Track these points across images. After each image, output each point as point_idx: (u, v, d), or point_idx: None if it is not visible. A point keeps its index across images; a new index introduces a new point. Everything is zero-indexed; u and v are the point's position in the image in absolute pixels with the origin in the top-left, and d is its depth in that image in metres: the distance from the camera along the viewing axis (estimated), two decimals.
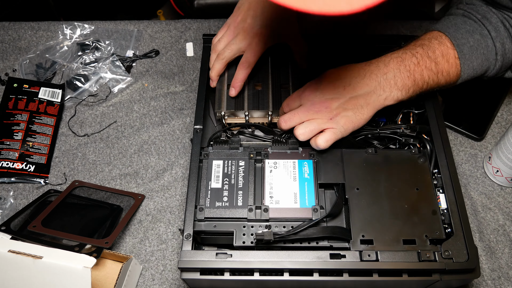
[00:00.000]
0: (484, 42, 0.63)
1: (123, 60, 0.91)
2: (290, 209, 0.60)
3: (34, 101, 0.84)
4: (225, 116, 0.71)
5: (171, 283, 0.70)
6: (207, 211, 0.60)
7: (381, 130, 0.67)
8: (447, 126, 0.81)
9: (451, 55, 0.62)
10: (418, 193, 0.61)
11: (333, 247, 0.58)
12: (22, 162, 0.78)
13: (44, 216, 0.69)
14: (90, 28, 0.95)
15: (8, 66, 0.92)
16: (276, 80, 0.73)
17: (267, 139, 0.71)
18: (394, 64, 0.61)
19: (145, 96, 0.88)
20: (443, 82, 0.64)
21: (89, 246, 0.65)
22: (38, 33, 0.95)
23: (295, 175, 0.63)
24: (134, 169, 0.80)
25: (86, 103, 0.87)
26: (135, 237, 0.73)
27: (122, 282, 0.64)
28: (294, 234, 0.57)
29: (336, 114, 0.62)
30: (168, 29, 0.97)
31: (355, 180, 0.62)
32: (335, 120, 0.62)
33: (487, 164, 0.78)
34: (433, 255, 0.56)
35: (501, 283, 0.69)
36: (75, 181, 0.77)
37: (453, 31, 0.64)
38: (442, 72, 0.62)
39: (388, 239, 0.57)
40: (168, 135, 0.83)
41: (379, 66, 0.62)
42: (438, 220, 0.59)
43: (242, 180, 0.63)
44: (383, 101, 0.62)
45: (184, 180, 0.78)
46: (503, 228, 0.74)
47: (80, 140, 0.83)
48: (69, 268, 0.58)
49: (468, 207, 0.75)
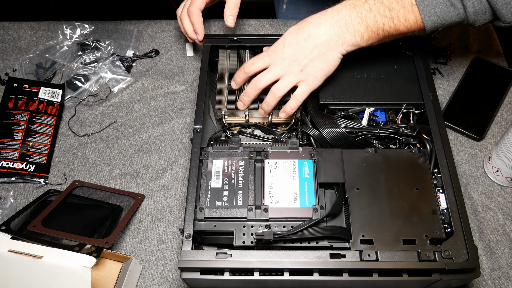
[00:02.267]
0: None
1: (123, 60, 0.91)
2: (290, 209, 0.60)
3: (34, 101, 0.84)
4: (225, 116, 0.71)
5: (171, 283, 0.70)
6: (207, 211, 0.60)
7: (381, 130, 0.67)
8: (447, 126, 0.81)
9: (407, 0, 0.62)
10: (418, 193, 0.61)
11: (333, 247, 0.58)
12: (22, 162, 0.78)
13: (44, 216, 0.69)
14: (90, 28, 0.95)
15: (8, 66, 0.92)
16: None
17: (267, 139, 0.71)
18: (347, 11, 0.64)
19: (145, 96, 0.88)
20: (404, 29, 0.64)
21: (89, 246, 0.65)
22: (38, 33, 0.95)
23: (295, 175, 0.63)
24: (134, 169, 0.80)
25: (86, 103, 0.87)
26: (135, 237, 0.73)
27: (122, 282, 0.64)
28: (294, 234, 0.57)
29: (305, 65, 0.66)
30: (168, 29, 0.97)
31: (355, 180, 0.62)
32: (305, 72, 0.66)
33: (487, 164, 0.78)
34: (433, 255, 0.56)
35: (501, 283, 0.69)
36: (75, 181, 0.77)
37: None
38: (398, 18, 0.63)
39: (388, 239, 0.57)
40: (168, 135, 0.83)
41: (333, 14, 0.65)
42: (438, 220, 0.59)
43: (242, 180, 0.63)
44: (341, 46, 0.65)
45: (184, 180, 0.78)
46: (503, 228, 0.74)
47: (80, 140, 0.83)
48: (69, 267, 0.58)
49: (468, 207, 0.75)
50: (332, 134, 0.66)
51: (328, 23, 0.64)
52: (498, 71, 0.87)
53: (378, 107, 0.71)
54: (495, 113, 0.84)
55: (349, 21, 0.64)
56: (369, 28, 0.63)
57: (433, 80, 0.72)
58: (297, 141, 0.67)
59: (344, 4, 0.65)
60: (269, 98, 0.68)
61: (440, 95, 0.86)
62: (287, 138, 0.69)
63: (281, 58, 0.66)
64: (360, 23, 0.63)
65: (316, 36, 0.65)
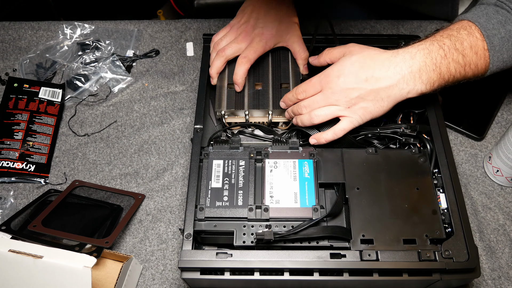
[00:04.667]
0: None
1: (123, 60, 0.91)
2: (290, 208, 0.60)
3: (35, 101, 0.84)
4: (225, 115, 0.71)
5: (171, 282, 0.70)
6: (207, 210, 0.60)
7: (381, 129, 0.67)
8: (447, 125, 0.81)
9: (480, 47, 0.60)
10: (418, 192, 0.61)
11: (333, 246, 0.58)
12: (22, 161, 0.78)
13: (45, 216, 0.69)
14: (90, 28, 0.95)
15: (8, 65, 0.92)
16: (276, 80, 0.73)
17: (267, 139, 0.71)
18: (421, 57, 0.59)
19: (145, 95, 0.88)
20: (471, 75, 0.62)
21: (89, 245, 0.65)
22: (38, 33, 0.95)
23: (295, 175, 0.63)
24: (134, 168, 0.80)
25: (86, 102, 0.87)
26: (135, 236, 0.73)
27: (122, 282, 0.64)
28: (294, 234, 0.57)
29: (354, 103, 0.62)
30: (168, 29, 0.97)
31: (355, 179, 0.62)
32: (352, 109, 0.62)
33: (487, 164, 0.78)
34: (433, 255, 0.56)
35: (501, 283, 0.69)
36: (75, 181, 0.77)
37: (483, 21, 0.61)
38: (470, 65, 0.60)
39: (388, 238, 0.57)
40: (168, 135, 0.83)
41: (405, 58, 0.60)
42: (438, 219, 0.59)
43: (242, 180, 0.63)
44: (406, 94, 0.61)
45: (184, 180, 0.78)
46: (503, 228, 0.74)
47: (80, 139, 0.83)
48: (70, 267, 0.58)
49: (468, 207, 0.75)
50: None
51: (398, 68, 0.60)
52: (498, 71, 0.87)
53: None
54: (495, 113, 0.83)
55: (423, 68, 0.59)
56: (442, 75, 0.60)
57: None
58: (297, 141, 0.67)
59: (417, 48, 0.60)
60: (305, 119, 0.65)
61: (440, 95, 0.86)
62: (288, 138, 0.69)
63: (331, 89, 0.62)
64: (434, 71, 0.59)
65: (380, 79, 0.60)
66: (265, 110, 0.70)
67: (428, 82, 0.60)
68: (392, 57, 0.61)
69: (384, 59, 0.61)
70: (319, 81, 0.64)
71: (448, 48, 0.60)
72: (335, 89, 0.62)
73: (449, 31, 0.62)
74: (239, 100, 0.71)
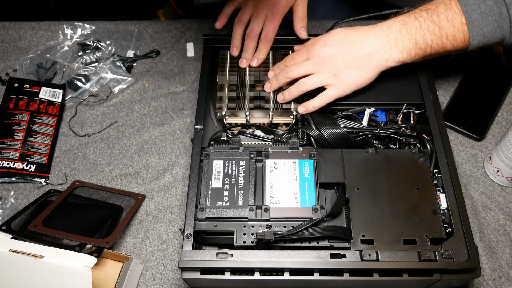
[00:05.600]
0: (497, 9, 0.63)
1: (123, 60, 0.91)
2: (291, 208, 0.60)
3: (35, 101, 0.84)
4: (225, 116, 0.71)
5: (171, 283, 0.70)
6: (208, 210, 0.60)
7: (381, 130, 0.67)
8: (447, 126, 0.81)
9: (457, 20, 0.63)
10: (418, 193, 0.61)
11: (333, 246, 0.58)
12: (23, 162, 0.78)
13: (45, 216, 0.69)
14: (91, 28, 0.95)
15: (8, 66, 0.92)
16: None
17: (267, 139, 0.71)
18: (396, 27, 0.64)
19: (145, 96, 0.88)
20: (450, 47, 0.64)
21: (90, 245, 0.65)
22: (39, 33, 0.96)
23: (296, 175, 0.63)
24: (134, 169, 0.80)
25: (86, 103, 0.87)
26: (135, 237, 0.73)
27: (122, 282, 0.64)
28: (295, 234, 0.57)
29: (340, 71, 0.66)
30: (168, 29, 0.97)
31: (355, 180, 0.62)
32: (338, 78, 0.66)
33: (488, 164, 0.78)
34: (433, 255, 0.56)
35: (501, 283, 0.69)
36: (76, 181, 0.77)
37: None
38: (447, 37, 0.63)
39: (389, 238, 0.58)
40: (168, 135, 0.83)
41: (382, 29, 0.65)
42: (438, 220, 0.59)
43: (243, 180, 0.63)
44: (385, 62, 0.65)
45: (185, 180, 0.79)
46: (504, 228, 0.74)
47: (81, 140, 0.83)
48: (70, 267, 0.58)
49: (469, 207, 0.75)
50: (332, 134, 0.66)
51: (376, 36, 0.65)
52: (498, 71, 0.87)
53: (378, 107, 0.71)
54: (495, 113, 0.84)
55: (399, 36, 0.64)
56: (418, 45, 0.64)
57: (433, 80, 0.72)
58: (297, 141, 0.67)
59: (394, 20, 0.65)
60: (294, 88, 0.68)
61: (440, 95, 0.86)
62: (288, 138, 0.69)
63: (318, 56, 0.67)
64: (409, 40, 0.64)
65: (361, 46, 0.65)
66: (265, 111, 0.70)
67: (404, 50, 0.64)
68: (372, 28, 0.66)
69: (364, 29, 0.66)
70: (306, 50, 0.69)
71: (424, 19, 0.64)
72: (322, 56, 0.66)
73: (428, 5, 0.66)
74: (239, 100, 0.71)
